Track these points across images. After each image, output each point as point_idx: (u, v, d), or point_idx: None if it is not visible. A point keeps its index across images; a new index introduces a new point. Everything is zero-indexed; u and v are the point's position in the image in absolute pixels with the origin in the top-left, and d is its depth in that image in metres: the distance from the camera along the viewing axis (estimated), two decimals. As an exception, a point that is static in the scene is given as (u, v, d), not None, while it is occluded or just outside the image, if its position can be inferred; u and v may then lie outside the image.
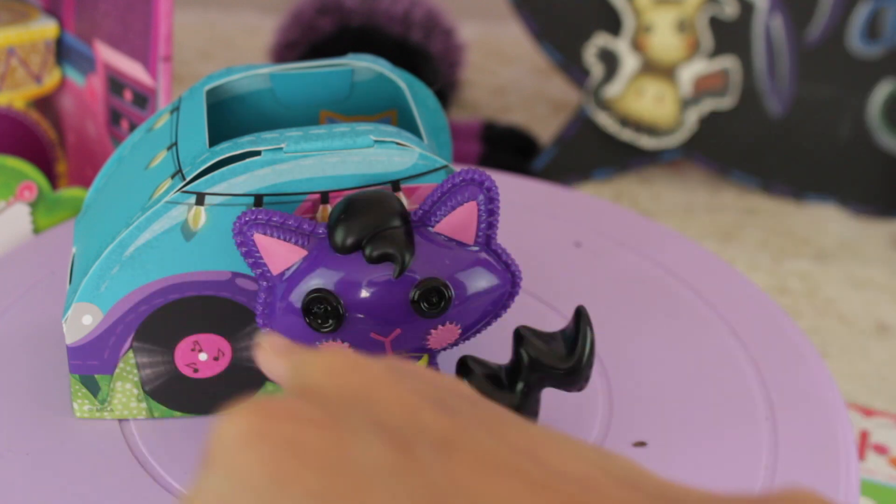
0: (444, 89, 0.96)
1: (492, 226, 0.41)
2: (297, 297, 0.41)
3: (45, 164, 0.69)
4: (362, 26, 0.92)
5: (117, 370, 0.46)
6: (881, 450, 0.65)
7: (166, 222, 0.44)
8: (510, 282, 0.42)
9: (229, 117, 0.50)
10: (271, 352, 0.31)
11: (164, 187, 0.44)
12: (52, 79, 0.68)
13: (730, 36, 0.88)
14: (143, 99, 0.62)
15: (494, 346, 0.47)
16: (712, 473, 0.45)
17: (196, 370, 0.47)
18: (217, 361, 0.47)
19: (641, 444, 0.47)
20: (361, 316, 0.41)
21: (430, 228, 0.41)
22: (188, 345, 0.46)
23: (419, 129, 0.47)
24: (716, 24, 0.88)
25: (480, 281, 0.41)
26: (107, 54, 0.64)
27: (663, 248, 0.59)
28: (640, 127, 0.89)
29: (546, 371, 0.42)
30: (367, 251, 0.40)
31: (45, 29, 0.66)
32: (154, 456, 0.45)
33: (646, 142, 0.89)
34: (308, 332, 0.41)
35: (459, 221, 0.41)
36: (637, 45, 0.88)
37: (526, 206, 0.63)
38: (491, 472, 0.23)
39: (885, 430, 0.66)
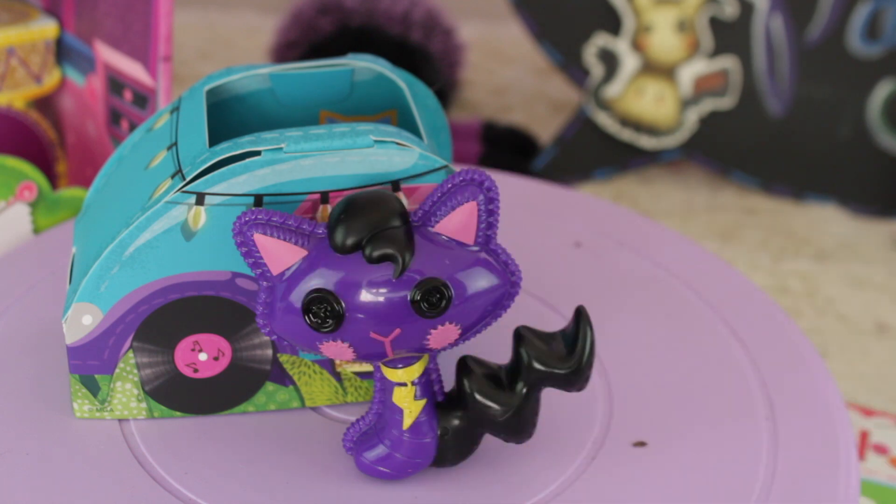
0: (444, 89, 0.96)
1: (492, 226, 0.41)
2: (297, 297, 0.41)
3: (45, 164, 0.69)
4: (362, 26, 0.92)
5: (117, 370, 0.46)
6: (881, 450, 0.65)
7: (166, 222, 0.44)
8: (510, 282, 0.42)
9: (229, 117, 0.50)
10: None
11: (164, 187, 0.44)
12: (52, 79, 0.68)
13: (730, 36, 0.88)
14: (143, 99, 0.62)
15: (494, 346, 0.47)
16: (712, 473, 0.45)
17: (196, 370, 0.47)
18: (217, 361, 0.47)
19: (641, 444, 0.47)
20: (361, 316, 0.41)
21: (430, 228, 0.41)
22: (188, 345, 0.46)
23: (419, 129, 0.47)
24: (716, 24, 0.88)
25: (480, 281, 0.41)
26: (107, 54, 0.64)
27: (663, 248, 0.59)
28: (640, 127, 0.89)
29: (546, 371, 0.42)
30: (367, 251, 0.40)
31: (45, 29, 0.66)
32: (154, 456, 0.45)
33: (646, 142, 0.89)
34: (308, 331, 0.41)
35: (459, 221, 0.41)
36: (637, 45, 0.88)
37: (526, 206, 0.63)
38: None
39: (885, 430, 0.66)
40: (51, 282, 0.54)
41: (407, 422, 0.43)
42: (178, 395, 0.47)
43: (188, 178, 0.43)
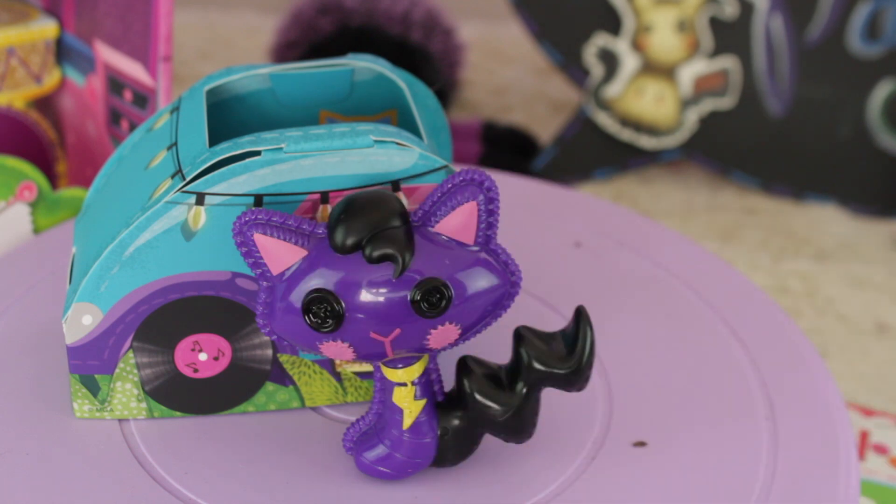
0: (444, 89, 0.96)
1: (492, 226, 0.41)
2: (297, 297, 0.41)
3: (45, 164, 0.69)
4: (362, 26, 0.92)
5: (117, 370, 0.46)
6: (881, 450, 0.65)
7: (166, 222, 0.44)
8: (510, 282, 0.42)
9: (229, 117, 0.50)
10: None
11: (164, 187, 0.44)
12: (52, 79, 0.68)
13: (730, 36, 0.88)
14: (143, 99, 0.62)
15: (494, 346, 0.47)
16: (712, 473, 0.45)
17: (196, 370, 0.47)
18: (217, 361, 0.47)
19: (641, 444, 0.47)
20: (361, 316, 0.41)
21: (430, 228, 0.41)
22: (188, 345, 0.46)
23: (419, 129, 0.47)
24: (716, 24, 0.88)
25: (480, 281, 0.41)
26: (107, 54, 0.64)
27: (663, 248, 0.59)
28: (640, 127, 0.89)
29: (546, 371, 0.42)
30: (367, 251, 0.40)
31: (45, 29, 0.66)
32: (154, 456, 0.45)
33: (646, 142, 0.89)
34: (308, 331, 0.41)
35: (459, 221, 0.41)
36: (637, 45, 0.88)
37: (526, 206, 0.63)
38: None
39: (885, 430, 0.66)
40: (51, 282, 0.54)
41: (407, 422, 0.43)
42: (178, 395, 0.47)
43: (188, 178, 0.43)
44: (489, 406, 0.43)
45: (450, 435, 0.44)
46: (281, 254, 0.41)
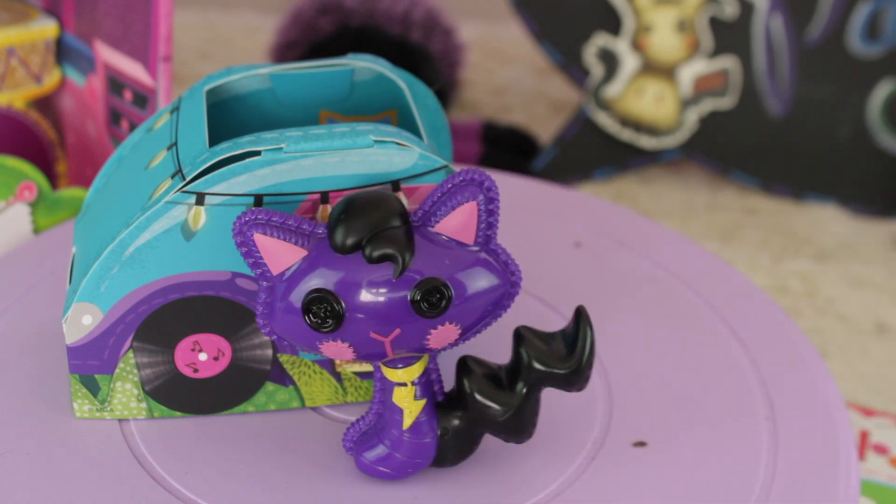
0: (444, 89, 0.96)
1: (491, 226, 0.41)
2: (297, 297, 0.41)
3: (45, 164, 0.69)
4: (362, 26, 0.92)
5: (117, 370, 0.46)
6: (881, 450, 0.65)
7: (166, 222, 0.44)
8: (510, 282, 0.42)
9: (229, 117, 0.50)
10: None
11: (164, 187, 0.44)
12: (52, 79, 0.68)
13: (730, 36, 0.88)
14: (143, 99, 0.62)
15: (494, 346, 0.47)
16: (712, 473, 0.45)
17: (196, 370, 0.47)
18: (217, 361, 0.47)
19: (641, 444, 0.47)
20: (361, 316, 0.41)
21: (430, 228, 0.41)
22: (188, 345, 0.46)
23: (419, 129, 0.47)
24: (716, 24, 0.88)
25: (480, 281, 0.41)
26: (107, 54, 0.64)
27: (663, 248, 0.59)
28: (640, 127, 0.89)
29: (546, 371, 0.42)
30: (367, 251, 0.40)
31: (45, 29, 0.66)
32: (154, 456, 0.45)
33: (646, 142, 0.89)
34: (308, 331, 0.41)
35: (459, 221, 0.41)
36: (637, 45, 0.88)
37: (526, 206, 0.63)
38: None
39: (885, 430, 0.66)
40: (51, 282, 0.54)
41: (407, 422, 0.43)
42: (178, 395, 0.47)
43: (188, 178, 0.43)
44: (489, 406, 0.43)
45: (450, 435, 0.44)
46: (281, 254, 0.41)
